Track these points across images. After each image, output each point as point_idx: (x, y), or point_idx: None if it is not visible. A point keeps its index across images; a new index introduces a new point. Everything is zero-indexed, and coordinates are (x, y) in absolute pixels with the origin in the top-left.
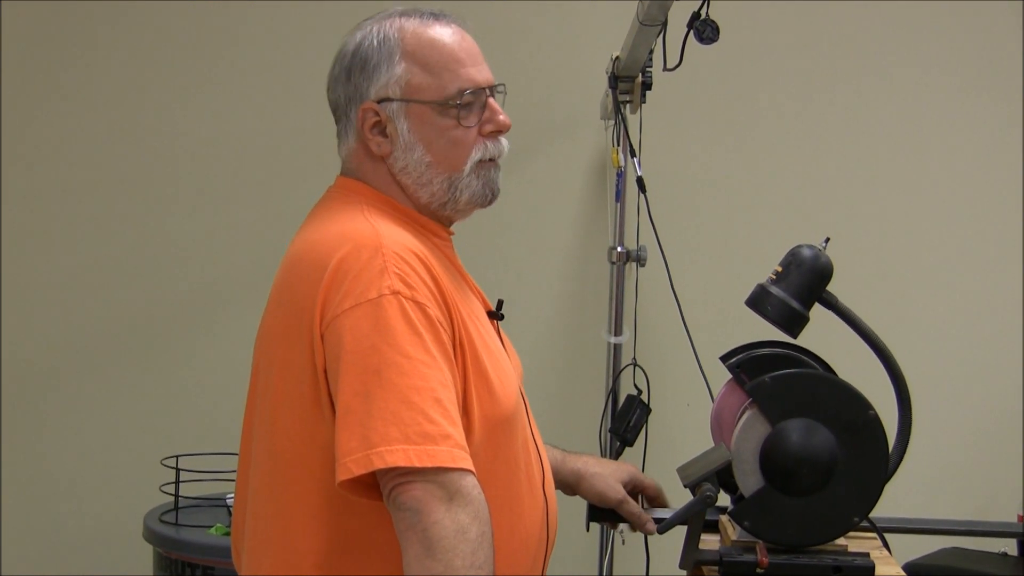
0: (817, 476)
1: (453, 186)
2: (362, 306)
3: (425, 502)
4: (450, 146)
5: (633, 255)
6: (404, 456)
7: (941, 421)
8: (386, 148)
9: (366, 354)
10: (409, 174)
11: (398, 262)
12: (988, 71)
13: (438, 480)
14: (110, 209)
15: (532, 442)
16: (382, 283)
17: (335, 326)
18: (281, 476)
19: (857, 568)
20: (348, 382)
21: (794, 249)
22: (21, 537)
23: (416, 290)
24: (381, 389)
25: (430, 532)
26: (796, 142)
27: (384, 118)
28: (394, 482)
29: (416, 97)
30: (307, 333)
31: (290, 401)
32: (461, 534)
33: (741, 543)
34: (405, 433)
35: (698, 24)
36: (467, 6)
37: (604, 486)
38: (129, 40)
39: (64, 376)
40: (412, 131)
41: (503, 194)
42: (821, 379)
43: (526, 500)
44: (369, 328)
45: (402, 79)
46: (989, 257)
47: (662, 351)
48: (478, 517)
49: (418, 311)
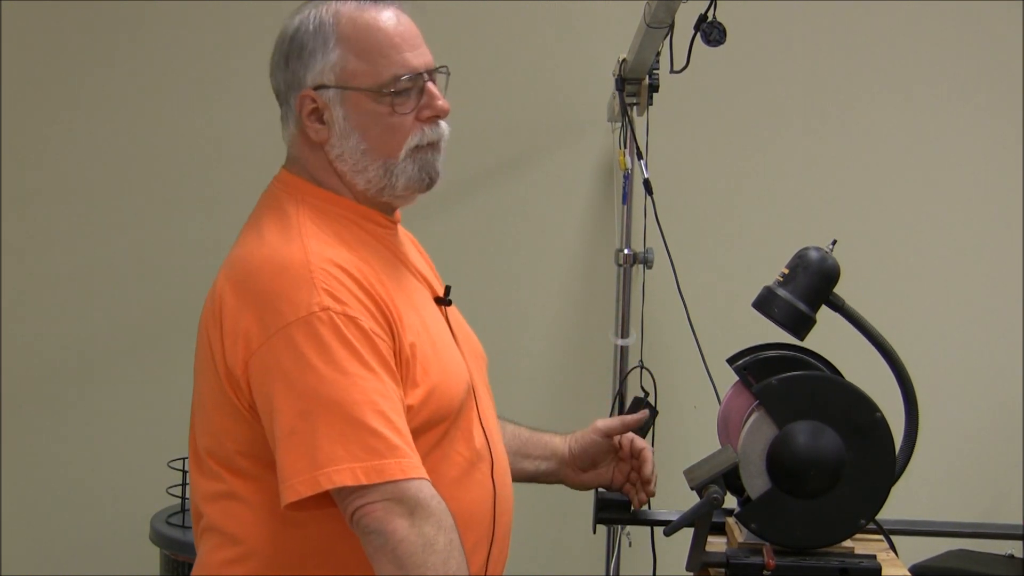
0: (824, 478)
1: (389, 172)
2: (293, 325)
3: (387, 522)
4: (386, 133)
5: (640, 257)
6: (351, 475)
7: (948, 423)
8: (323, 135)
9: (303, 373)
10: (345, 161)
11: (326, 278)
12: (989, 71)
13: (395, 495)
14: (115, 210)
15: (481, 428)
16: (311, 301)
17: (267, 348)
18: None
19: (864, 570)
20: (288, 403)
21: (801, 251)
22: (26, 539)
23: (347, 304)
24: (322, 408)
25: (398, 551)
26: (802, 144)
27: (321, 105)
28: (353, 506)
29: (351, 84)
30: (220, 353)
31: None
32: (429, 547)
33: (748, 545)
34: (350, 451)
35: (705, 26)
36: (473, 8)
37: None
38: (130, 40)
39: (70, 378)
40: (348, 118)
41: (510, 196)
42: (828, 381)
43: (471, 486)
44: (303, 347)
45: (337, 65)
46: (995, 259)
47: (669, 353)
48: (442, 526)
49: (350, 325)
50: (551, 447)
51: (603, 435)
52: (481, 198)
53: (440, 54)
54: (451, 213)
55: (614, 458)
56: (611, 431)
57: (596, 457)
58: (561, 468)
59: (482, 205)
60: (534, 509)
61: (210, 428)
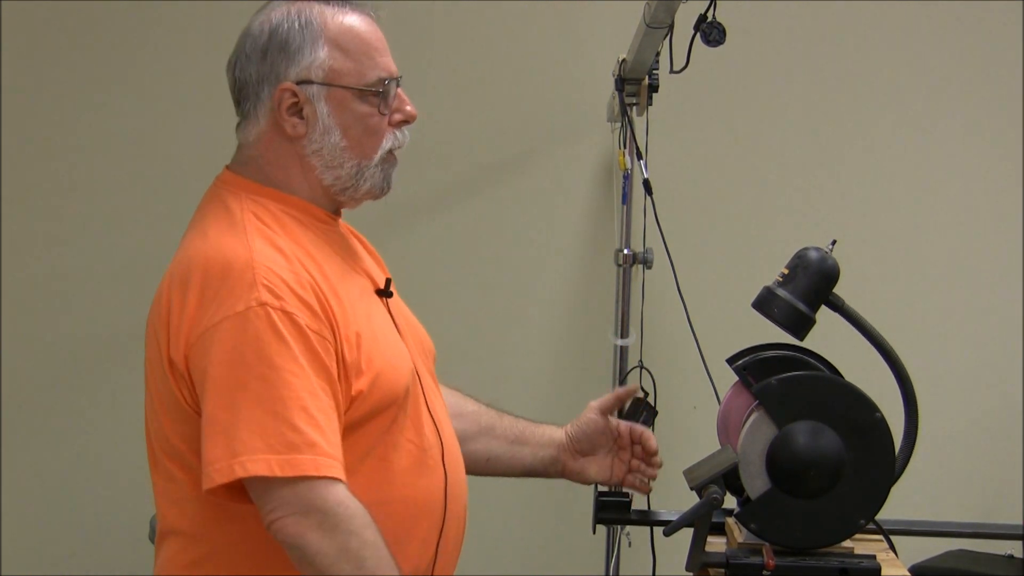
0: (823, 478)
1: (360, 173)
2: (230, 319)
3: (300, 536)
4: (366, 133)
5: (640, 257)
6: (266, 465)
7: (947, 423)
8: (301, 130)
9: (233, 366)
10: (321, 156)
11: (267, 274)
12: (989, 71)
13: (305, 505)
14: (115, 210)
15: (429, 416)
16: (250, 296)
17: (204, 339)
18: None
19: (863, 570)
20: (215, 393)
21: (801, 251)
22: (26, 539)
23: (284, 300)
24: (247, 400)
25: (316, 562)
26: (802, 144)
27: (302, 99)
28: (268, 519)
29: (338, 82)
30: (166, 348)
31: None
32: (343, 554)
33: (747, 545)
34: (268, 443)
35: (704, 26)
36: (473, 8)
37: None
38: (130, 40)
39: (69, 376)
40: (331, 115)
41: (510, 195)
42: (827, 381)
43: (422, 472)
44: (236, 340)
45: (325, 63)
46: (995, 259)
47: (668, 353)
48: (353, 531)
49: (286, 321)
50: (548, 435)
51: (598, 412)
52: (481, 198)
53: (440, 54)
54: (451, 213)
55: (614, 448)
56: (605, 406)
57: (594, 438)
58: (560, 454)
59: (482, 205)
60: (534, 509)
61: (160, 428)
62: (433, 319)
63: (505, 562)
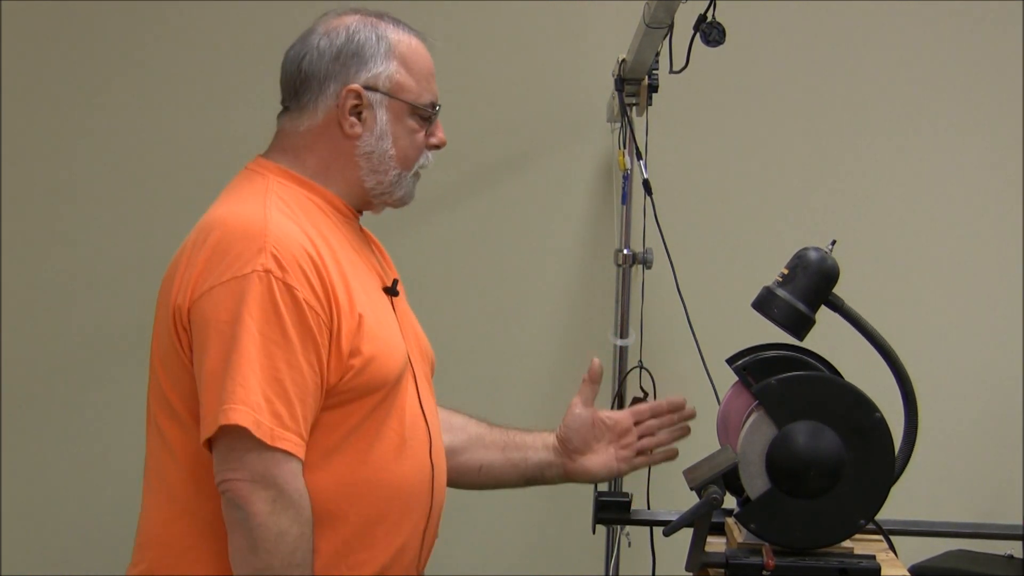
0: (823, 478)
1: (398, 181)
2: (235, 280)
3: (250, 502)
4: (411, 146)
5: (639, 257)
6: (242, 416)
7: (947, 423)
8: (358, 130)
9: (231, 324)
10: (370, 159)
11: (277, 244)
12: (989, 71)
13: (264, 476)
14: (115, 209)
15: (420, 410)
16: (256, 261)
17: (208, 296)
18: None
19: (863, 570)
20: (214, 349)
21: (800, 251)
22: (26, 539)
23: (288, 272)
24: (237, 357)
25: (254, 533)
26: (802, 144)
27: (365, 103)
28: (222, 475)
29: (399, 95)
30: (173, 297)
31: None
32: (281, 537)
33: (747, 545)
34: (247, 399)
35: (704, 26)
36: (473, 8)
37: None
38: (130, 40)
39: (67, 375)
40: (388, 123)
41: (510, 194)
42: (827, 381)
43: (405, 461)
44: (234, 301)
45: (392, 76)
46: (995, 259)
47: (668, 353)
48: (298, 519)
49: (285, 293)
50: (542, 440)
51: (581, 406)
52: (481, 198)
53: (441, 54)
54: (451, 212)
55: (612, 438)
56: (584, 397)
57: (584, 433)
58: (556, 458)
59: (482, 205)
60: (534, 509)
61: (158, 385)
62: (433, 319)
63: (505, 562)
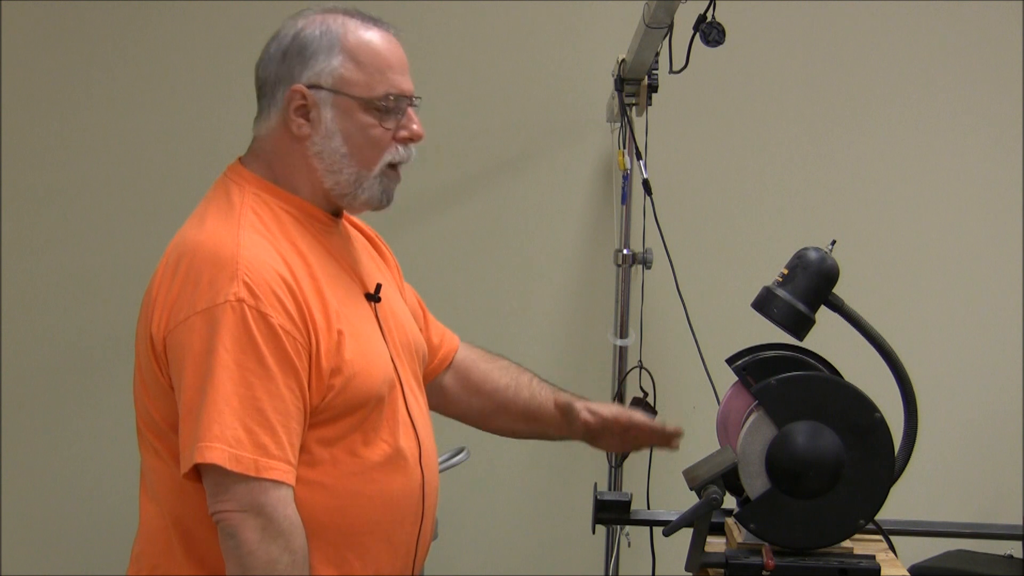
0: (823, 478)
1: (358, 183)
2: (207, 311)
3: (240, 530)
4: (367, 143)
5: (639, 257)
6: (221, 455)
7: (947, 423)
8: (306, 131)
9: (206, 355)
10: (323, 160)
11: (249, 271)
12: (989, 71)
13: (252, 505)
14: (115, 209)
15: (408, 419)
16: (228, 290)
17: (182, 327)
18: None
19: (863, 571)
20: (189, 381)
21: (800, 251)
22: (26, 539)
23: (261, 300)
24: (212, 391)
25: (245, 561)
26: (801, 145)
27: (310, 102)
28: (213, 508)
29: (345, 90)
30: (149, 324)
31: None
32: (271, 565)
33: (747, 545)
34: (223, 435)
35: (704, 27)
36: (473, 8)
37: (598, 405)
38: (130, 40)
39: (67, 375)
40: (335, 120)
41: (509, 196)
42: (827, 382)
43: (395, 473)
44: (208, 332)
45: (336, 71)
46: (995, 259)
47: (668, 353)
48: (289, 547)
49: (260, 321)
50: (561, 413)
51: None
52: (481, 198)
53: (441, 54)
54: (451, 212)
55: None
56: (642, 428)
57: (596, 432)
58: (572, 425)
59: (482, 205)
60: (534, 509)
61: (143, 402)
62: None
63: (505, 562)
